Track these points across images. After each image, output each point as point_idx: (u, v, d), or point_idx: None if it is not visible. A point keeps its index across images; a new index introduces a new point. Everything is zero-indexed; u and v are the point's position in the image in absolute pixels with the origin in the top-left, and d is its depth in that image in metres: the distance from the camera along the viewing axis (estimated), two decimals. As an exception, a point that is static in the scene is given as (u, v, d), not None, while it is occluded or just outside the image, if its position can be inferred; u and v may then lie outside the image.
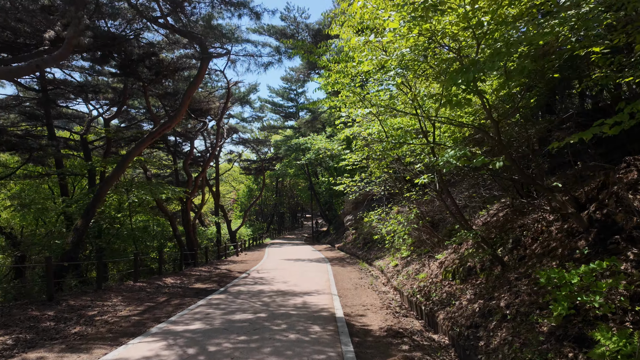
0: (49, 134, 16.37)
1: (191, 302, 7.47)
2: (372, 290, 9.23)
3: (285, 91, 34.03)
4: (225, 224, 28.59)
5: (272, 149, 34.65)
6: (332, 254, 19.13)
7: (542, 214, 6.73)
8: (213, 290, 8.86)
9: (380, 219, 9.83)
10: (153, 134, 11.57)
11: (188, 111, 19.70)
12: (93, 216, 10.92)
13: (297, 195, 49.16)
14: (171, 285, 9.76)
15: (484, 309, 5.35)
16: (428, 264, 9.78)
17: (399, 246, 9.24)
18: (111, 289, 8.54)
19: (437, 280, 8.30)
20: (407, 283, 9.37)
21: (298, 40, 6.47)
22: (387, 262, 12.71)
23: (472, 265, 7.43)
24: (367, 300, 7.76)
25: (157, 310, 6.66)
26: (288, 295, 8.06)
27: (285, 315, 6.14)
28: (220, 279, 11.03)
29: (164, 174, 30.47)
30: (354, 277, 11.15)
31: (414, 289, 8.41)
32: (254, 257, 18.78)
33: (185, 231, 17.49)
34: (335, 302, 7.32)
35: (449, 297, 6.95)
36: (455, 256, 8.56)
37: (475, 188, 10.56)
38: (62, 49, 7.12)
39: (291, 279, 10.60)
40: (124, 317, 6.18)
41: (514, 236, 6.99)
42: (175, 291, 8.89)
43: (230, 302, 7.35)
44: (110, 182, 10.96)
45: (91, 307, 6.80)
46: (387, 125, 7.26)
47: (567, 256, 4.93)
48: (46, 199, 17.31)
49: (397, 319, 6.28)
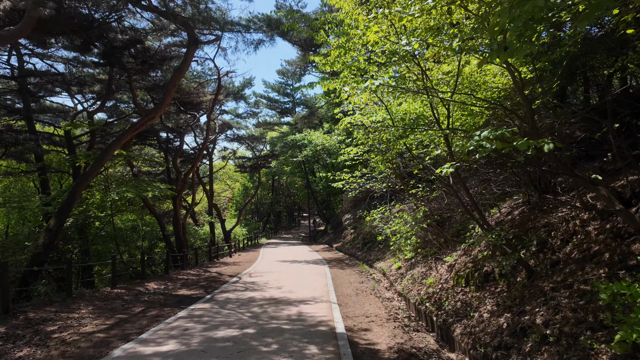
0: (29, 127, 15.35)
1: (170, 313, 6.54)
2: (375, 296, 8.35)
3: (281, 86, 33.04)
4: (219, 224, 27.62)
5: (267, 146, 33.70)
6: (330, 255, 18.24)
7: (570, 211, 5.86)
8: (198, 298, 7.93)
9: (383, 218, 8.96)
10: (136, 125, 10.61)
11: (179, 105, 18.72)
12: (68, 215, 9.95)
13: (293, 194, 48.22)
14: (153, 292, 8.82)
15: (514, 326, 4.47)
16: (435, 267, 8.92)
17: (404, 247, 8.37)
18: (83, 297, 7.60)
19: (447, 287, 7.43)
20: (413, 288, 8.51)
21: (293, 11, 5.53)
22: (389, 264, 11.84)
23: (489, 270, 6.56)
24: (371, 310, 6.87)
25: (129, 325, 5.73)
26: (282, 304, 7.16)
27: (277, 331, 5.24)
28: (209, 283, 10.10)
29: (156, 172, 29.46)
30: (354, 281, 10.27)
31: (422, 296, 7.54)
32: (248, 259, 17.85)
33: (174, 231, 16.53)
34: (335, 313, 6.43)
35: (464, 307, 6.07)
36: (467, 259, 7.70)
37: (485, 184, 9.66)
38: (21, 23, 6.17)
39: (286, 283, 9.70)
40: (86, 334, 5.25)
41: (538, 237, 6.12)
42: (156, 299, 7.95)
43: (215, 313, 6.44)
44: (88, 178, 9.99)
45: (53, 321, 5.87)
46: (392, 113, 6.38)
47: (618, 263, 4.06)
48: (30, 196, 16.30)
49: (407, 335, 5.39)
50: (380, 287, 9.54)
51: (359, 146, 9.25)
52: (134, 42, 13.34)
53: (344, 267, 13.58)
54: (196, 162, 17.64)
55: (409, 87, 5.25)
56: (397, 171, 8.67)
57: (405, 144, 6.15)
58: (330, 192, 30.87)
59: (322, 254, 19.11)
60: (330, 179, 10.54)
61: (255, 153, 31.33)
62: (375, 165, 9.58)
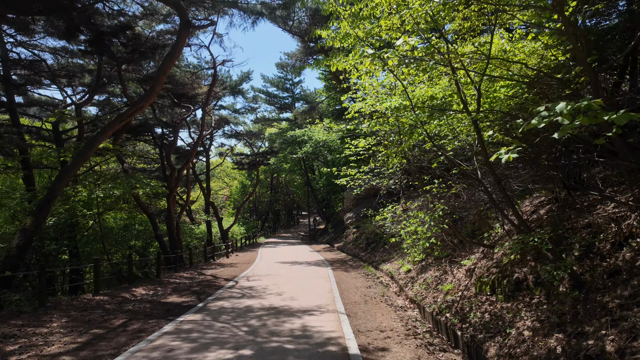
0: (12, 121, 14.40)
1: (155, 326, 5.68)
2: (386, 304, 7.51)
3: (281, 80, 32.08)
4: (217, 222, 26.73)
5: (266, 143, 32.79)
6: (332, 256, 17.40)
7: (619, 209, 5.03)
8: (189, 307, 7.07)
9: (395, 217, 8.12)
10: (123, 115, 9.71)
11: (173, 98, 17.80)
12: (48, 214, 9.06)
13: (293, 192, 47.32)
14: (140, 299, 7.95)
15: (573, 352, 3.62)
16: (451, 270, 8.09)
17: (415, 249, 7.53)
18: (58, 307, 6.73)
19: (469, 294, 6.60)
20: (427, 295, 7.68)
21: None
22: (396, 267, 11.01)
23: (521, 277, 5.72)
24: (385, 322, 6.03)
25: (104, 343, 4.86)
26: (283, 314, 6.31)
27: (279, 352, 4.38)
28: (202, 289, 9.24)
29: (152, 169, 28.54)
30: (360, 285, 9.43)
31: (440, 305, 6.71)
32: (246, 259, 16.98)
33: (167, 230, 15.64)
34: (345, 327, 5.58)
35: (495, 321, 5.24)
36: (490, 263, 6.86)
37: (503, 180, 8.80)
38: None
39: (287, 288, 8.85)
40: (49, 357, 4.39)
41: (580, 240, 5.27)
42: (141, 308, 7.08)
43: (206, 327, 5.58)
44: (70, 172, 9.10)
45: (15, 338, 5.00)
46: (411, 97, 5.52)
47: None
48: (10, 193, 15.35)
49: (433, 357, 4.55)
50: (390, 293, 8.71)
51: (367, 138, 8.38)
52: (124, 28, 12.42)
53: (348, 269, 12.74)
54: (191, 157, 16.74)
55: (437, 59, 4.39)
56: (411, 165, 7.81)
57: (426, 131, 5.29)
58: (331, 190, 30.01)
59: (324, 254, 18.27)
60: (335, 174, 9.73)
61: (253, 150, 30.43)
62: (384, 159, 8.72)
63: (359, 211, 20.17)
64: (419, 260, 9.57)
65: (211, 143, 27.90)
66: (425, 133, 5.23)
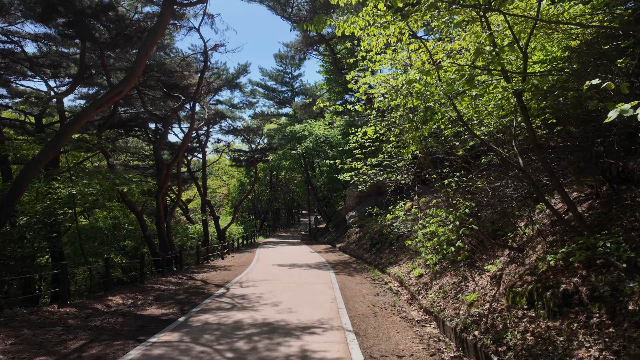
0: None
1: (119, 351, 4.58)
2: (400, 317, 6.42)
3: (279, 74, 30.91)
4: (213, 222, 25.64)
5: (265, 139, 31.67)
6: (334, 257, 16.30)
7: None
8: (167, 322, 5.98)
9: (408, 215, 7.05)
10: (100, 101, 8.61)
11: (164, 88, 16.69)
12: (13, 212, 7.98)
13: (292, 190, 46.20)
14: (113, 311, 6.86)
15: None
16: (472, 276, 7.00)
17: (444, 251, 6.44)
18: (10, 322, 5.63)
19: (499, 307, 5.51)
20: (446, 305, 6.58)
21: None
22: (406, 270, 9.92)
23: (571, 290, 4.63)
24: (402, 343, 4.93)
25: (45, 378, 3.78)
26: (278, 333, 5.22)
27: (269, 394, 3.30)
28: (188, 297, 8.14)
29: (146, 166, 27.47)
30: (367, 293, 8.34)
31: (464, 319, 5.61)
32: (241, 261, 15.89)
33: (157, 230, 14.55)
34: (354, 351, 4.48)
35: (543, 346, 4.17)
36: (521, 269, 5.77)
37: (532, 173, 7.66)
38: None
39: (284, 297, 7.76)
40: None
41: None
42: (110, 323, 5.98)
43: (182, 351, 4.49)
44: (37, 165, 8.00)
45: None
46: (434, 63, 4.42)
47: None
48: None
49: (474, 400, 3.45)
50: (402, 302, 7.62)
51: (376, 125, 7.26)
52: (106, 8, 11.32)
53: (352, 272, 11.65)
54: (180, 150, 15.64)
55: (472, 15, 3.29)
56: (427, 156, 6.70)
57: (456, 108, 4.19)
58: (332, 188, 28.89)
59: (325, 255, 17.18)
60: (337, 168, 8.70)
61: (251, 146, 29.31)
62: (394, 150, 7.64)
63: (362, 209, 19.07)
64: (431, 263, 8.48)
65: (207, 139, 26.80)
66: (455, 110, 4.14)
